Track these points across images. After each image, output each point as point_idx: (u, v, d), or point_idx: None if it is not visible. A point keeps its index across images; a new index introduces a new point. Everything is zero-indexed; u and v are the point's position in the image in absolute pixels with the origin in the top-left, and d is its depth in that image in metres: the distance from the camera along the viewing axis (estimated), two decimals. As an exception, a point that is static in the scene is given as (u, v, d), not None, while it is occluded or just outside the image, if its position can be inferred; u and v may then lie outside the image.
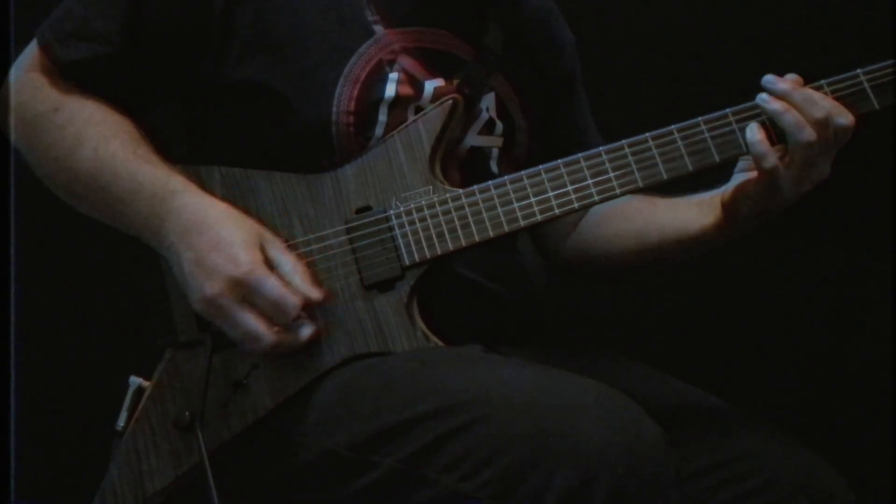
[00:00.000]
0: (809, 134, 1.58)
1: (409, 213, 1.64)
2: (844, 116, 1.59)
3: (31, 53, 1.72)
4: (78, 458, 2.18)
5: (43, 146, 1.69)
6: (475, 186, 1.64)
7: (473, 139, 1.76)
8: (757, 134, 1.60)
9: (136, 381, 1.67)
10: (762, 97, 1.61)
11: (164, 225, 1.59)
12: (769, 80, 1.62)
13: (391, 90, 1.68)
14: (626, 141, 1.64)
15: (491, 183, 1.64)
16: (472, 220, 1.63)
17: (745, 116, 1.62)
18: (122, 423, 1.66)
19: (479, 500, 1.43)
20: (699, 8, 2.57)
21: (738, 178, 1.69)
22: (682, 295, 2.59)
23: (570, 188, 1.63)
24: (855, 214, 2.52)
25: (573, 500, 1.38)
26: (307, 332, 1.57)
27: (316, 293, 1.57)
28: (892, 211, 2.42)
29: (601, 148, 1.64)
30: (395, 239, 1.64)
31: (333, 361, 1.61)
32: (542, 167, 1.64)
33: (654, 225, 1.80)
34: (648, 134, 1.63)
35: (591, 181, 1.63)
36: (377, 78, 1.68)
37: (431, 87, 1.71)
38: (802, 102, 1.59)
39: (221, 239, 1.56)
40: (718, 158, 1.62)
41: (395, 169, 1.66)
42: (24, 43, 1.74)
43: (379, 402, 1.54)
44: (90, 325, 2.49)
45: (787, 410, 2.14)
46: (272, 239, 1.60)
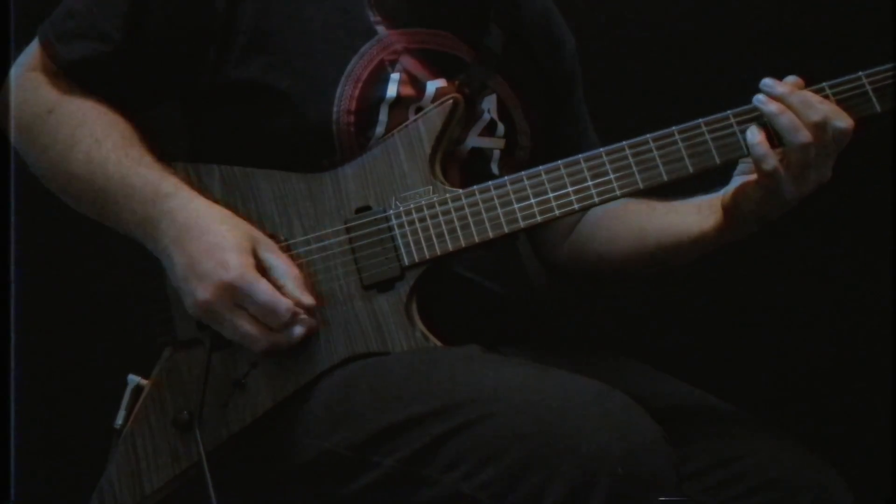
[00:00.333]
0: (805, 136, 1.58)
1: (408, 213, 1.64)
2: (843, 120, 1.59)
3: (32, 52, 1.72)
4: (76, 456, 2.18)
5: (38, 148, 1.69)
6: (475, 187, 1.64)
7: (475, 140, 1.76)
8: (757, 136, 1.60)
9: (134, 379, 1.67)
10: (759, 98, 1.61)
11: (157, 228, 1.59)
12: (767, 83, 1.62)
13: (392, 90, 1.68)
14: (626, 142, 1.63)
15: (491, 183, 1.64)
16: (471, 220, 1.63)
17: (746, 118, 1.62)
18: (120, 421, 1.66)
19: (479, 499, 1.43)
20: (701, 8, 2.56)
21: (738, 180, 1.68)
22: (682, 295, 2.59)
23: (570, 189, 1.63)
24: (855, 214, 2.52)
25: (573, 499, 1.38)
26: (299, 331, 1.57)
27: (307, 298, 1.57)
28: (892, 211, 2.42)
29: (601, 149, 1.64)
30: (394, 239, 1.64)
31: (332, 361, 1.61)
32: (541, 168, 1.64)
33: (651, 227, 1.80)
34: (649, 135, 1.63)
35: (591, 182, 1.63)
36: (379, 78, 1.68)
37: (433, 87, 1.71)
38: (799, 105, 1.59)
39: (213, 244, 1.56)
40: (719, 160, 1.62)
41: (394, 169, 1.66)
42: (24, 42, 1.74)
43: (379, 401, 1.54)
44: (89, 323, 2.49)
45: (787, 410, 2.14)
46: (265, 242, 1.60)
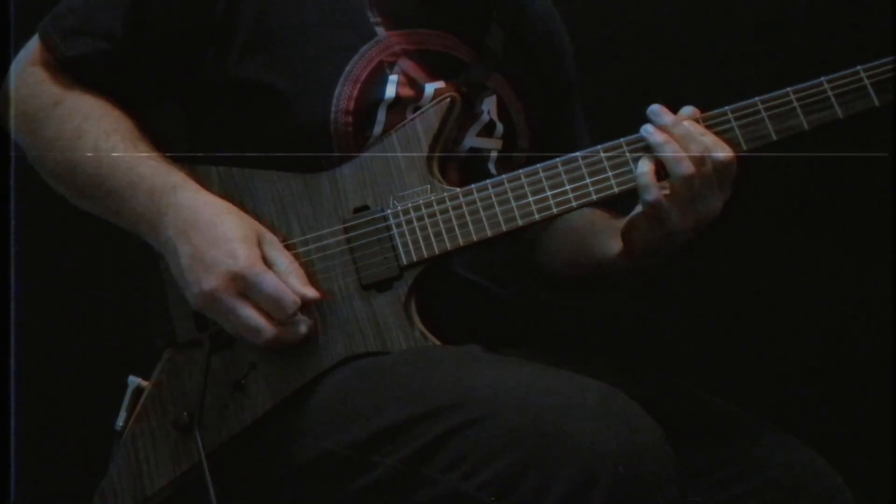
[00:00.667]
0: (687, 167, 1.58)
1: (406, 212, 1.64)
2: (723, 151, 1.59)
3: (32, 48, 1.72)
4: (77, 458, 2.18)
5: (44, 139, 1.69)
6: (473, 186, 1.64)
7: (473, 140, 1.76)
8: (646, 166, 1.60)
9: (134, 380, 1.67)
10: (647, 128, 1.62)
11: (162, 219, 1.60)
12: (654, 110, 1.62)
13: (391, 91, 1.68)
14: (624, 139, 1.64)
15: (489, 182, 1.64)
16: (469, 219, 1.63)
17: (638, 147, 1.62)
18: (120, 422, 1.66)
19: (479, 499, 1.43)
20: (699, 8, 2.56)
21: (638, 208, 1.68)
22: (681, 295, 2.59)
23: (567, 187, 1.63)
24: (855, 214, 2.52)
25: (573, 499, 1.37)
26: (305, 327, 1.57)
27: (312, 292, 1.57)
28: (892, 211, 2.41)
29: (599, 146, 1.64)
30: (392, 238, 1.64)
31: (332, 361, 1.61)
32: (539, 166, 1.64)
33: (583, 246, 1.81)
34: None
35: (588, 180, 1.63)
36: (377, 79, 1.68)
37: (432, 89, 1.71)
38: (682, 136, 1.59)
39: (220, 234, 1.56)
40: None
41: (392, 168, 1.66)
42: (24, 38, 1.74)
43: (378, 401, 1.54)
44: (89, 324, 2.49)
45: (787, 410, 2.14)
46: (270, 238, 1.60)
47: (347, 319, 1.63)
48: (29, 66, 1.72)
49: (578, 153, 1.64)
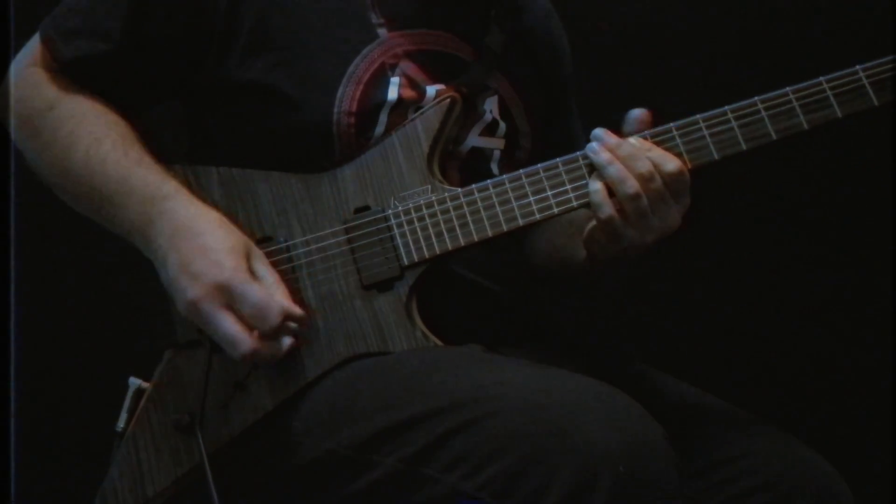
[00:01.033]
0: (632, 186, 1.58)
1: (407, 212, 1.64)
2: (671, 163, 1.59)
3: (32, 48, 1.72)
4: (78, 458, 2.18)
5: (38, 145, 1.69)
6: (474, 186, 1.64)
7: (475, 140, 1.76)
8: (596, 184, 1.61)
9: (135, 381, 1.67)
10: (592, 147, 1.62)
11: (153, 227, 1.59)
12: (597, 133, 1.63)
13: (393, 93, 1.68)
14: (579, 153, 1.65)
15: (489, 182, 1.64)
16: (470, 219, 1.63)
17: (591, 162, 1.62)
18: (122, 424, 1.66)
19: (479, 499, 1.43)
20: (697, 8, 2.57)
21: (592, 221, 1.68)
22: (682, 295, 2.59)
23: (568, 187, 1.63)
24: (855, 214, 2.52)
25: (574, 499, 1.37)
26: (287, 342, 1.55)
27: (296, 309, 1.56)
28: (892, 211, 2.42)
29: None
30: (393, 239, 1.64)
31: (333, 361, 1.61)
32: (540, 166, 1.64)
33: (555, 246, 1.83)
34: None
35: (588, 180, 1.63)
36: (380, 80, 1.68)
37: (433, 91, 1.71)
38: (626, 156, 1.59)
39: (208, 245, 1.56)
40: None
41: (393, 168, 1.66)
42: (24, 38, 1.74)
43: (379, 401, 1.54)
44: (90, 325, 2.49)
45: (787, 410, 2.14)
46: (259, 253, 1.60)
47: (348, 320, 1.63)
48: (29, 66, 1.71)
49: (578, 153, 1.64)
